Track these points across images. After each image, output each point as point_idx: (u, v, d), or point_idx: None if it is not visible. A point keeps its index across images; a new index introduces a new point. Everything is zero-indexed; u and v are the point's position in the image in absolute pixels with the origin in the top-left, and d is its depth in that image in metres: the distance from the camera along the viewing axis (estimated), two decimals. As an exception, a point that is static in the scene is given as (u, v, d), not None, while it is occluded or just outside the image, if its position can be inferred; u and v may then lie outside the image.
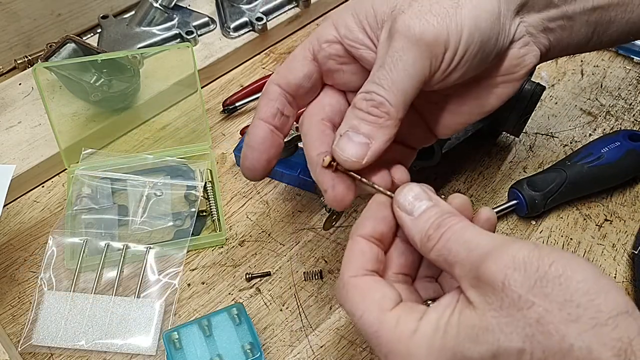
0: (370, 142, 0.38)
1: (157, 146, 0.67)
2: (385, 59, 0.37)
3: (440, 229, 0.35)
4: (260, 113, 0.42)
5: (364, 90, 0.38)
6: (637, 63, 0.79)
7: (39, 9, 0.73)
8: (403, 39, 0.36)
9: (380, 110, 0.37)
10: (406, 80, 0.37)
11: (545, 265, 0.30)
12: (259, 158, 0.43)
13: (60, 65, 0.63)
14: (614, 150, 0.61)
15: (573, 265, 0.30)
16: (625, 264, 0.59)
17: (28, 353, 0.52)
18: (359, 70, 0.42)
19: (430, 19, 0.36)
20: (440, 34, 0.36)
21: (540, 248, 0.31)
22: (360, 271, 0.38)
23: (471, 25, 0.37)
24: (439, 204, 0.37)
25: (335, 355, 0.52)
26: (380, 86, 0.37)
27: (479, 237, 0.34)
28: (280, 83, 0.42)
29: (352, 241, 0.39)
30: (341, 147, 0.38)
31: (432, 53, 0.37)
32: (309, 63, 0.42)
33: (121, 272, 0.56)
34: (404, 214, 0.38)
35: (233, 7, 0.78)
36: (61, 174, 0.66)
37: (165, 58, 0.68)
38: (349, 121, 0.39)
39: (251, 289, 0.57)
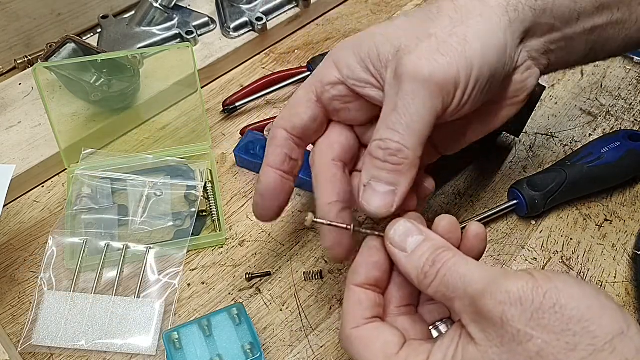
0: (395, 189, 0.38)
1: (157, 146, 0.67)
2: (396, 103, 0.37)
3: (435, 266, 0.36)
4: (269, 160, 0.43)
5: (379, 137, 0.38)
6: (637, 63, 0.79)
7: (39, 9, 0.73)
8: (413, 81, 0.36)
9: (398, 157, 0.37)
10: (420, 122, 0.37)
11: (539, 297, 0.31)
12: (271, 206, 0.44)
13: (60, 65, 0.63)
14: (614, 150, 0.61)
15: (566, 292, 0.31)
16: (625, 264, 0.59)
17: (28, 353, 0.52)
18: (364, 107, 0.42)
19: (439, 59, 0.36)
20: (449, 73, 0.36)
21: (534, 278, 0.32)
22: (360, 321, 0.38)
23: (480, 60, 0.37)
24: (431, 238, 0.38)
25: (335, 355, 0.52)
26: (395, 132, 0.37)
27: (474, 272, 0.34)
28: (286, 127, 0.42)
29: (347, 291, 0.40)
30: (367, 200, 0.39)
31: (444, 92, 0.37)
32: (313, 105, 0.42)
33: (121, 272, 0.56)
34: (397, 251, 0.38)
35: (233, 7, 0.78)
36: (61, 174, 0.66)
37: (165, 58, 0.68)
38: (369, 171, 0.39)
39: (251, 289, 0.57)
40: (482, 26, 0.37)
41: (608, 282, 0.57)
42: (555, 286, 0.31)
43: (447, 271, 0.35)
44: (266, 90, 0.72)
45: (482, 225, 0.40)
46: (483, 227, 0.40)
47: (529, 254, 0.59)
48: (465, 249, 0.40)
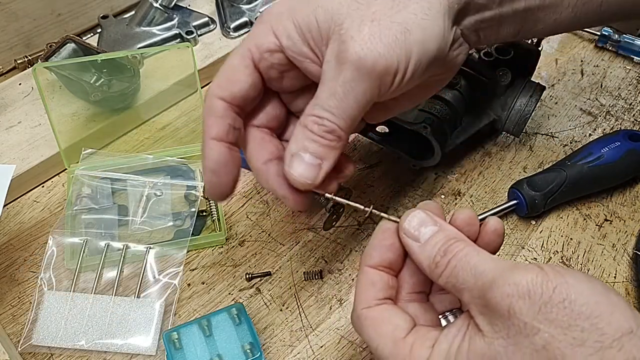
0: (321, 162, 0.39)
1: (157, 146, 0.67)
2: (336, 88, 0.37)
3: (447, 256, 0.36)
4: (212, 132, 0.40)
5: (316, 114, 0.38)
6: (637, 63, 0.79)
7: (38, 9, 0.73)
8: (354, 70, 0.37)
9: (332, 135, 0.38)
10: (356, 107, 0.38)
11: (549, 290, 0.31)
12: (226, 181, 0.41)
13: (60, 65, 0.63)
14: (614, 150, 0.61)
15: (576, 288, 0.31)
16: (625, 264, 0.59)
17: (28, 353, 0.52)
18: (299, 77, 0.42)
19: (381, 49, 0.36)
20: (390, 63, 0.37)
21: (544, 272, 0.32)
22: (372, 302, 0.38)
23: (419, 50, 0.37)
24: (445, 229, 0.38)
25: (335, 355, 0.52)
26: (331, 114, 0.38)
27: (484, 264, 0.34)
28: (224, 97, 0.40)
29: (361, 272, 0.40)
30: (294, 168, 0.39)
31: (382, 81, 0.37)
32: (251, 73, 0.41)
33: (121, 272, 0.56)
34: (410, 240, 0.38)
35: (233, 7, 0.78)
36: (61, 174, 0.66)
37: (165, 58, 0.68)
38: (300, 142, 0.39)
39: (251, 289, 0.57)
40: (424, 13, 0.37)
41: (608, 282, 0.57)
42: (566, 281, 0.31)
43: (458, 262, 0.35)
44: (266, 90, 0.72)
45: (500, 221, 0.40)
46: (501, 222, 0.40)
47: (529, 254, 0.59)
48: (482, 242, 0.40)
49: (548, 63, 0.79)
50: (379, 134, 0.65)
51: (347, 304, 0.55)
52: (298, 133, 0.39)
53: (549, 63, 0.79)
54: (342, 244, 0.60)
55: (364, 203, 0.43)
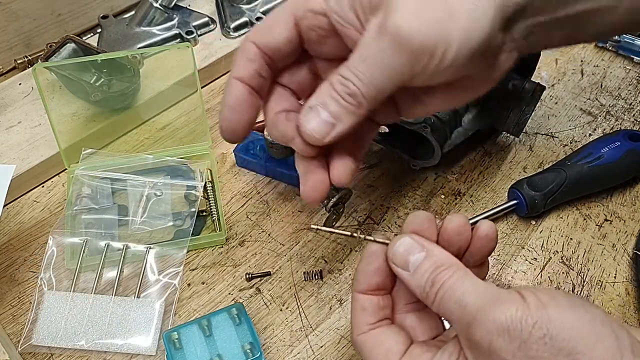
0: (335, 122, 0.38)
1: (157, 146, 0.67)
2: (368, 54, 0.36)
3: (435, 286, 0.36)
4: (239, 72, 0.40)
5: (343, 74, 0.37)
6: (637, 63, 0.79)
7: (39, 9, 0.73)
8: (391, 40, 0.35)
9: (353, 99, 0.37)
10: (385, 79, 0.37)
11: (528, 326, 0.30)
12: (240, 119, 0.41)
13: (60, 65, 0.63)
14: (614, 150, 0.61)
15: (558, 321, 0.30)
16: (625, 264, 0.59)
17: (28, 353, 0.52)
18: (339, 44, 0.41)
19: (422, 26, 0.35)
20: (427, 42, 0.35)
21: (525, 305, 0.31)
22: (364, 328, 0.39)
23: (461, 39, 0.36)
24: (432, 255, 0.37)
25: (335, 355, 0.52)
26: (357, 78, 0.37)
27: (468, 296, 0.34)
28: (258, 43, 0.40)
29: (352, 297, 0.41)
30: (307, 119, 0.38)
31: (416, 59, 0.36)
32: (290, 28, 0.40)
33: (121, 272, 0.56)
34: (400, 270, 0.38)
35: (233, 7, 0.78)
36: (61, 174, 0.66)
37: (165, 58, 0.68)
38: (320, 96, 0.38)
39: (251, 289, 0.57)
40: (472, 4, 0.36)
41: (608, 282, 0.57)
42: (548, 315, 0.30)
43: (444, 294, 0.35)
44: (266, 90, 0.72)
45: (492, 224, 0.40)
46: (493, 226, 0.40)
47: (529, 254, 0.59)
48: (475, 248, 0.40)
49: (548, 63, 0.79)
50: (379, 134, 0.65)
51: (347, 304, 0.55)
52: (322, 88, 0.38)
53: (549, 63, 0.79)
54: (342, 244, 0.60)
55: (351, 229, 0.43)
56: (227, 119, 0.41)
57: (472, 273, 0.36)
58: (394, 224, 0.62)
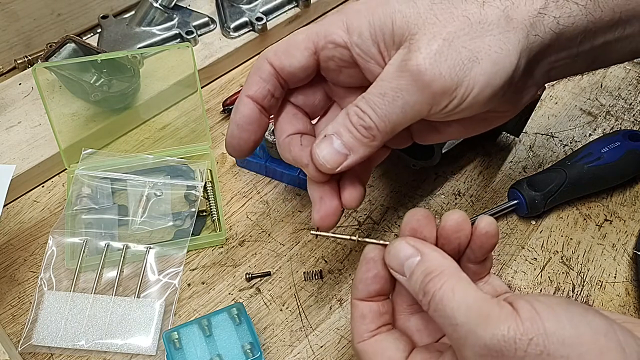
0: (349, 153, 0.39)
1: (157, 146, 0.67)
2: (387, 90, 0.36)
3: (426, 297, 0.35)
4: (250, 90, 0.41)
5: (360, 107, 0.38)
6: (637, 63, 0.79)
7: (39, 9, 0.73)
8: (411, 80, 0.35)
9: (367, 132, 0.38)
10: (401, 116, 0.37)
11: (523, 345, 0.29)
12: (248, 139, 0.42)
13: (60, 65, 0.63)
14: (614, 150, 0.61)
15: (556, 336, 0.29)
16: (625, 264, 0.59)
17: (28, 353, 0.52)
18: (357, 75, 0.41)
19: (444, 69, 0.35)
20: (449, 86, 0.35)
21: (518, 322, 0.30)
22: (365, 335, 0.39)
23: (484, 83, 0.35)
24: (426, 259, 0.36)
25: (335, 355, 0.52)
26: (374, 112, 0.37)
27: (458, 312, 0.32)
28: (275, 64, 0.41)
29: (352, 304, 0.41)
30: (321, 148, 0.39)
31: (435, 100, 0.36)
32: (309, 56, 0.40)
33: (121, 272, 0.56)
34: (398, 275, 0.38)
35: (233, 7, 0.78)
36: (61, 174, 0.66)
37: (165, 58, 0.68)
38: (337, 126, 0.39)
39: (251, 289, 0.57)
40: (499, 47, 0.35)
41: (608, 282, 0.57)
42: (544, 329, 0.29)
43: (436, 307, 0.34)
44: (266, 90, 0.72)
45: (492, 220, 0.39)
46: (493, 221, 0.39)
47: (529, 254, 0.59)
48: (476, 245, 0.39)
49: (548, 63, 0.79)
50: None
51: (347, 304, 0.55)
52: (339, 117, 0.39)
53: (549, 63, 0.79)
54: (342, 244, 0.60)
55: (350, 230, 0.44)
56: (236, 137, 0.42)
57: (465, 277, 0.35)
58: (394, 224, 0.62)
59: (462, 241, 0.39)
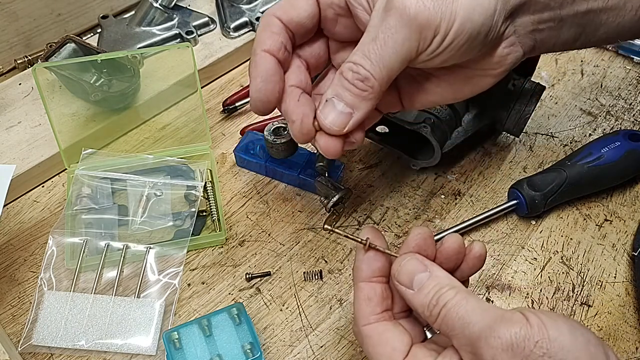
0: (352, 112, 0.40)
1: (157, 146, 0.67)
2: (377, 34, 0.38)
3: (438, 306, 0.37)
4: (265, 45, 0.41)
5: (352, 60, 0.39)
6: (637, 63, 0.79)
7: (38, 9, 0.73)
8: (397, 16, 0.37)
9: (364, 84, 0.39)
10: (393, 57, 0.38)
11: (530, 345, 0.32)
12: (273, 89, 0.42)
13: (60, 65, 0.63)
14: (614, 150, 0.61)
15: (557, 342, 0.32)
16: (625, 264, 0.59)
17: (28, 353, 0.52)
18: (350, 25, 0.43)
19: (427, 2, 0.37)
20: (433, 18, 0.37)
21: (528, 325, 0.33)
22: (370, 318, 0.41)
23: (464, 16, 0.37)
24: (435, 276, 0.39)
25: (335, 355, 0.52)
26: (367, 60, 0.38)
27: (472, 315, 0.35)
28: (282, 18, 0.42)
29: (356, 288, 0.42)
30: (325, 113, 0.40)
31: (422, 35, 0.38)
32: (312, 4, 0.42)
33: (121, 272, 0.56)
34: (403, 288, 0.40)
35: (233, 7, 0.78)
36: (61, 174, 0.66)
37: (165, 58, 0.68)
38: (335, 88, 0.40)
39: (251, 289, 0.57)
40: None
41: (608, 282, 0.57)
42: (548, 335, 0.33)
43: (448, 312, 0.36)
44: (266, 90, 0.72)
45: (484, 245, 0.42)
46: (484, 247, 0.42)
47: (529, 254, 0.59)
48: (467, 266, 0.42)
49: (548, 63, 0.79)
50: (379, 134, 0.65)
51: (347, 304, 0.55)
52: (335, 80, 0.40)
53: (549, 63, 0.79)
54: (342, 244, 0.60)
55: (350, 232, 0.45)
56: (262, 90, 0.42)
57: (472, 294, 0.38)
58: (394, 224, 0.62)
59: (458, 262, 0.42)
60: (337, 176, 0.63)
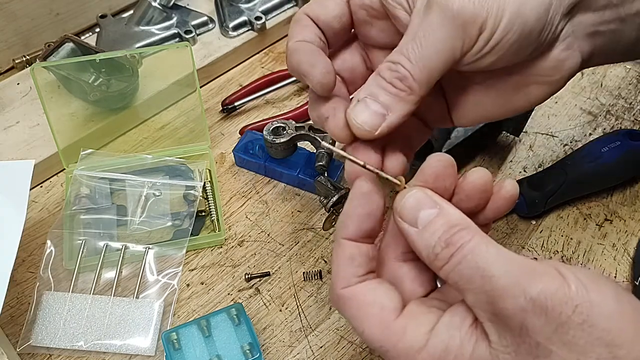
0: (387, 113, 0.35)
1: (156, 146, 0.67)
2: (417, 31, 0.35)
3: (449, 249, 0.31)
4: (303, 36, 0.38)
5: (390, 59, 0.35)
6: (638, 63, 0.78)
7: (37, 9, 0.73)
8: (439, 12, 0.34)
9: (403, 83, 0.35)
10: (435, 57, 0.34)
11: (569, 309, 0.27)
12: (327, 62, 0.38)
13: (59, 64, 0.63)
14: (614, 149, 0.61)
15: (600, 309, 0.28)
16: (625, 263, 0.59)
17: (27, 354, 0.52)
18: (388, 28, 0.39)
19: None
20: (478, 13, 0.33)
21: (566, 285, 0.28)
22: (352, 280, 0.35)
23: (514, 10, 0.33)
24: (446, 213, 0.33)
25: (335, 356, 0.52)
26: (407, 59, 0.34)
27: (494, 264, 0.30)
28: (312, 15, 0.39)
29: (337, 245, 0.36)
30: (356, 112, 0.36)
31: (466, 33, 0.34)
32: (342, 5, 0.39)
33: (120, 272, 0.56)
34: (406, 224, 0.34)
35: (232, 6, 0.78)
36: (59, 174, 0.66)
37: (164, 57, 0.68)
38: (369, 88, 0.36)
39: (250, 289, 0.56)
40: None
41: (608, 282, 0.57)
42: (590, 299, 0.28)
43: (463, 259, 0.30)
44: (265, 90, 0.72)
45: (516, 185, 0.36)
46: (517, 187, 0.36)
47: (529, 253, 0.59)
48: (493, 208, 0.36)
49: (548, 62, 0.79)
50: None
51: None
52: (369, 80, 0.36)
53: (549, 62, 0.79)
54: (342, 244, 0.60)
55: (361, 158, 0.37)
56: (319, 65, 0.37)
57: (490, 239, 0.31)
58: (394, 223, 0.62)
59: (482, 203, 0.36)
60: (337, 176, 0.63)
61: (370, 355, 0.52)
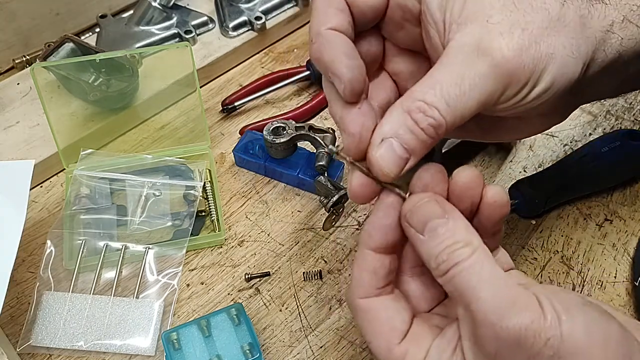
0: (409, 157, 0.34)
1: (156, 146, 0.67)
2: (463, 78, 0.33)
3: (447, 263, 0.32)
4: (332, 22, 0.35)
5: (424, 99, 0.33)
6: (637, 62, 0.78)
7: (37, 8, 0.72)
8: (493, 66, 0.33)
9: (435, 131, 0.33)
10: (474, 106, 0.33)
11: (540, 342, 0.29)
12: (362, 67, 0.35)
13: (59, 64, 0.63)
14: (614, 149, 0.61)
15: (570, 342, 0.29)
16: (625, 263, 0.59)
17: (27, 354, 0.52)
18: (416, 36, 0.38)
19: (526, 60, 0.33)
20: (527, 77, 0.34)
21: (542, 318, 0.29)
22: (371, 291, 0.36)
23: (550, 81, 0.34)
24: (453, 226, 0.33)
25: (335, 356, 0.52)
26: (447, 106, 0.33)
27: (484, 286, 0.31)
28: None
29: (360, 255, 0.37)
30: (381, 154, 0.34)
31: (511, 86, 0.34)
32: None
33: (120, 272, 0.56)
34: (412, 230, 0.34)
35: (232, 6, 0.78)
36: (59, 174, 0.66)
37: (163, 57, 0.68)
38: (395, 127, 0.34)
39: (250, 289, 0.56)
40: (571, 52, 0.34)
41: (608, 281, 0.57)
42: (560, 332, 0.29)
43: (458, 275, 0.32)
44: (265, 90, 0.72)
45: (500, 189, 0.36)
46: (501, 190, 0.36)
47: (529, 253, 0.59)
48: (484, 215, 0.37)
49: (548, 62, 0.79)
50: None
51: (347, 304, 0.55)
52: (397, 116, 0.34)
53: (549, 62, 0.79)
54: (342, 244, 0.60)
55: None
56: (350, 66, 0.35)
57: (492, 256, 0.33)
58: (394, 223, 0.62)
59: (475, 200, 0.36)
60: (337, 176, 0.63)
61: (370, 356, 0.52)
